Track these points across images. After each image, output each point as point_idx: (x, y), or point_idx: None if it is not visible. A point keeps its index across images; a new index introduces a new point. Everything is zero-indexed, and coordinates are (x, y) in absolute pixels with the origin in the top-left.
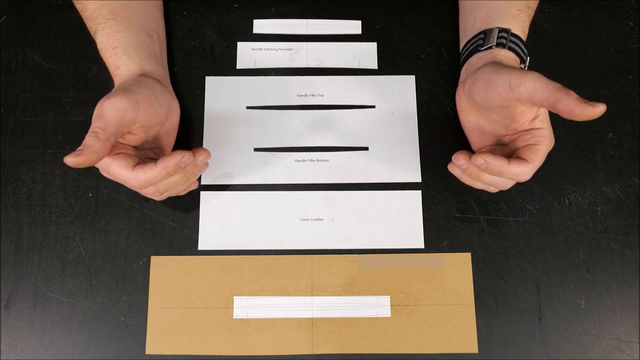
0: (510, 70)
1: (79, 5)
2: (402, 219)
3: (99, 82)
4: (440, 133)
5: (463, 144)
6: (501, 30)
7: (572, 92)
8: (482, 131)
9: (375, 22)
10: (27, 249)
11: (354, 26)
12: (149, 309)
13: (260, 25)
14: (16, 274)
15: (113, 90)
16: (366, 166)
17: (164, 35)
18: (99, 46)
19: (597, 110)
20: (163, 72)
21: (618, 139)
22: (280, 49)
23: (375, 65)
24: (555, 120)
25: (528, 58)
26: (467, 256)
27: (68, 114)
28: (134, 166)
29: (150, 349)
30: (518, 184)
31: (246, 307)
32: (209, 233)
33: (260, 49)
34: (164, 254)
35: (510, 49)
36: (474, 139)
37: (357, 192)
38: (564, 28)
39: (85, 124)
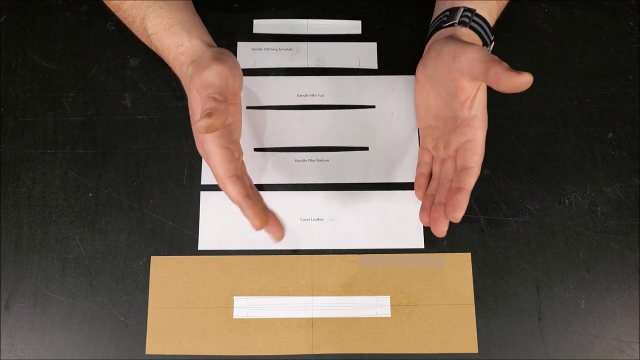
0: (459, 41)
1: (114, 1)
2: (402, 219)
3: (99, 82)
4: None
5: None
6: (466, 9)
7: (505, 63)
8: (429, 108)
9: (375, 22)
10: (27, 249)
11: (354, 26)
12: (149, 309)
13: (260, 25)
14: (16, 274)
15: (196, 64)
16: (366, 166)
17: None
18: (150, 31)
19: (522, 79)
20: (212, 40)
21: (618, 139)
22: (280, 49)
23: (375, 65)
24: (556, 120)
25: (493, 43)
26: (467, 256)
27: (68, 114)
28: (232, 175)
29: (150, 349)
30: (518, 185)
31: (246, 307)
32: (209, 233)
33: (260, 49)
34: (164, 254)
35: (472, 28)
36: (421, 114)
37: (357, 192)
38: (564, 28)
39: (85, 124)
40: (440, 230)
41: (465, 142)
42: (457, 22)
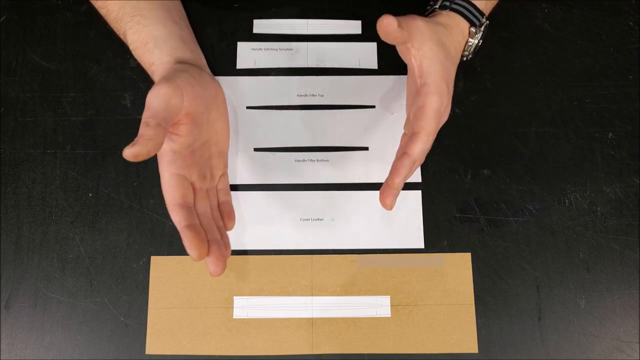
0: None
1: (102, 11)
2: (402, 219)
3: (99, 82)
4: (440, 133)
5: (463, 144)
6: None
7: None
8: (410, 92)
9: (375, 22)
10: (27, 249)
11: (354, 26)
12: (149, 309)
13: (260, 25)
14: (16, 274)
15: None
16: (366, 166)
17: (187, 20)
18: (131, 47)
19: (383, 21)
20: (198, 56)
21: (618, 139)
22: (280, 49)
23: (375, 65)
24: (556, 120)
25: (486, 22)
26: (467, 256)
27: (68, 114)
28: (177, 204)
29: (150, 349)
30: (518, 185)
31: (246, 307)
32: None
33: (260, 49)
34: (164, 254)
35: (454, 10)
36: (409, 101)
37: (357, 192)
38: (564, 28)
39: (85, 124)
40: (385, 202)
41: (416, 110)
42: (437, 6)
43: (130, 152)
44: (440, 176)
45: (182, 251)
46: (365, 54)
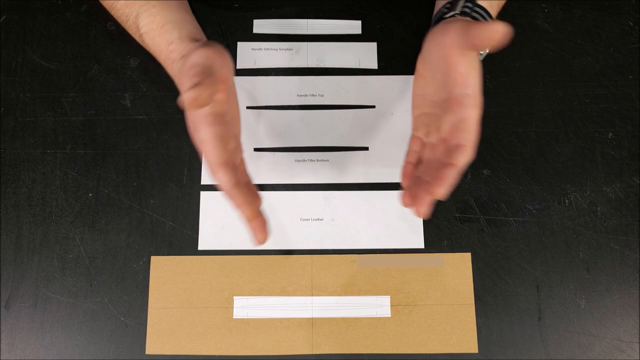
0: (450, 20)
1: (108, 0)
2: (402, 219)
3: (99, 82)
4: None
5: None
6: (467, 0)
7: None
8: (425, 96)
9: (375, 22)
10: (27, 249)
11: (354, 26)
12: (149, 309)
13: (260, 25)
14: (16, 274)
15: (185, 57)
16: (366, 166)
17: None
18: (143, 30)
19: (495, 27)
20: (203, 36)
21: (618, 139)
22: (280, 49)
23: (375, 65)
24: (556, 120)
25: None
26: (467, 256)
27: (68, 114)
28: (224, 162)
29: (150, 349)
30: (518, 185)
31: (246, 307)
32: (209, 233)
33: (260, 49)
34: (164, 254)
35: (474, 18)
36: (417, 103)
37: (357, 192)
38: (564, 28)
39: (85, 124)
40: (421, 210)
41: (458, 121)
42: (458, 12)
43: (191, 94)
44: None
45: (182, 251)
46: (365, 54)
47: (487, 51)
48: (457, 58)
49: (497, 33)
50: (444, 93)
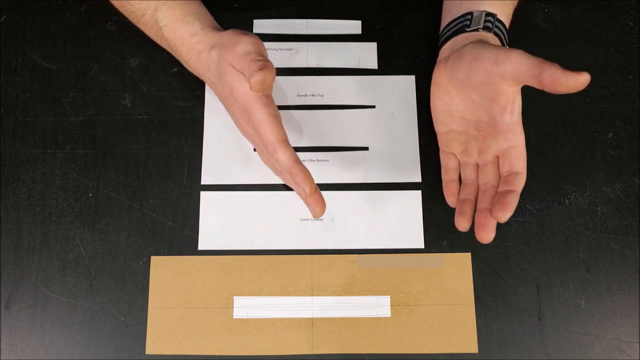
0: (498, 46)
1: None
2: (402, 219)
3: (99, 82)
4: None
5: None
6: (488, 14)
7: (555, 64)
8: (452, 112)
9: (375, 22)
10: (27, 249)
11: (354, 26)
12: (149, 309)
13: (260, 25)
14: (16, 274)
15: (221, 46)
16: (366, 166)
17: None
18: (162, 23)
19: (582, 78)
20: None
21: (618, 139)
22: (280, 49)
23: (375, 65)
24: (556, 120)
25: (507, 46)
26: (467, 256)
27: (68, 114)
28: (284, 140)
29: (150, 349)
30: None
31: (246, 307)
32: (209, 233)
33: None
34: (164, 254)
35: (495, 34)
36: (441, 118)
37: (357, 192)
38: (564, 28)
39: (85, 124)
40: (488, 236)
41: (509, 148)
42: (481, 27)
43: (260, 77)
44: (440, 176)
45: (182, 251)
46: (365, 54)
47: None
48: (508, 88)
49: (583, 84)
50: (485, 116)
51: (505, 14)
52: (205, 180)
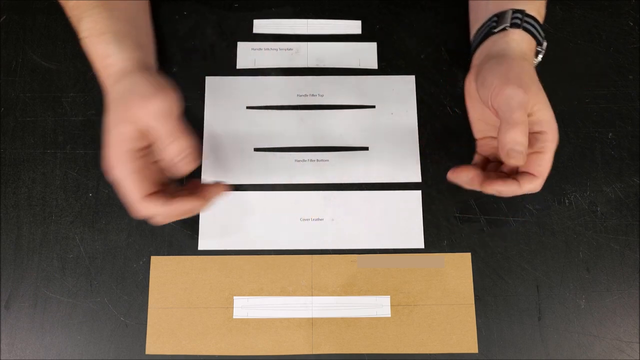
0: (499, 76)
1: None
2: (402, 219)
3: (99, 82)
4: (440, 133)
5: (463, 144)
6: (515, 11)
7: (515, 133)
8: (487, 122)
9: (375, 22)
10: (27, 249)
11: (354, 26)
12: (149, 309)
13: (260, 25)
14: (16, 274)
15: (133, 93)
16: (366, 166)
17: (152, 33)
18: (83, 34)
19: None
20: (153, 62)
21: (618, 139)
22: (280, 49)
23: (375, 65)
24: (556, 120)
25: (545, 42)
26: (467, 256)
27: (68, 114)
28: (148, 194)
29: (150, 349)
30: None
31: (246, 307)
32: (209, 233)
33: (260, 49)
34: (164, 254)
35: (525, 29)
36: (478, 127)
37: (357, 192)
38: (564, 28)
39: (85, 124)
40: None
41: (534, 155)
42: (508, 24)
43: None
44: (440, 176)
45: (182, 251)
46: (365, 54)
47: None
48: (544, 105)
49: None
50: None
51: (535, 9)
52: (205, 180)
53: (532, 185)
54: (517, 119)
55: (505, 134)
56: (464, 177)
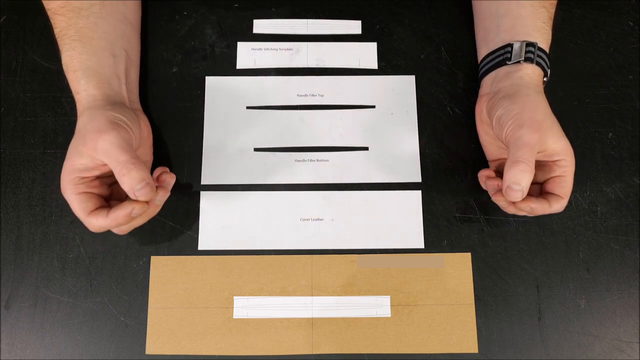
0: (513, 117)
1: (52, 21)
2: (402, 219)
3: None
4: (440, 133)
5: (463, 144)
6: (528, 44)
7: (516, 171)
8: (499, 145)
9: (375, 22)
10: (27, 249)
11: (354, 26)
12: (149, 309)
13: (260, 25)
14: (16, 274)
15: (92, 128)
16: (366, 166)
17: (136, 53)
18: (63, 64)
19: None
20: (125, 92)
21: (618, 139)
22: (280, 49)
23: (375, 65)
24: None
25: (549, 71)
26: (467, 256)
27: (68, 114)
28: (91, 211)
29: (150, 349)
30: None
31: (246, 307)
32: (209, 233)
33: (260, 49)
34: (164, 254)
35: (537, 63)
36: (491, 151)
37: (357, 192)
38: (564, 28)
39: None
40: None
41: (555, 178)
42: (522, 59)
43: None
44: (440, 176)
45: (182, 251)
46: (365, 54)
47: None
48: (558, 136)
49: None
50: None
51: (545, 42)
52: (205, 180)
53: (559, 205)
54: (520, 157)
55: (507, 171)
56: (494, 186)
